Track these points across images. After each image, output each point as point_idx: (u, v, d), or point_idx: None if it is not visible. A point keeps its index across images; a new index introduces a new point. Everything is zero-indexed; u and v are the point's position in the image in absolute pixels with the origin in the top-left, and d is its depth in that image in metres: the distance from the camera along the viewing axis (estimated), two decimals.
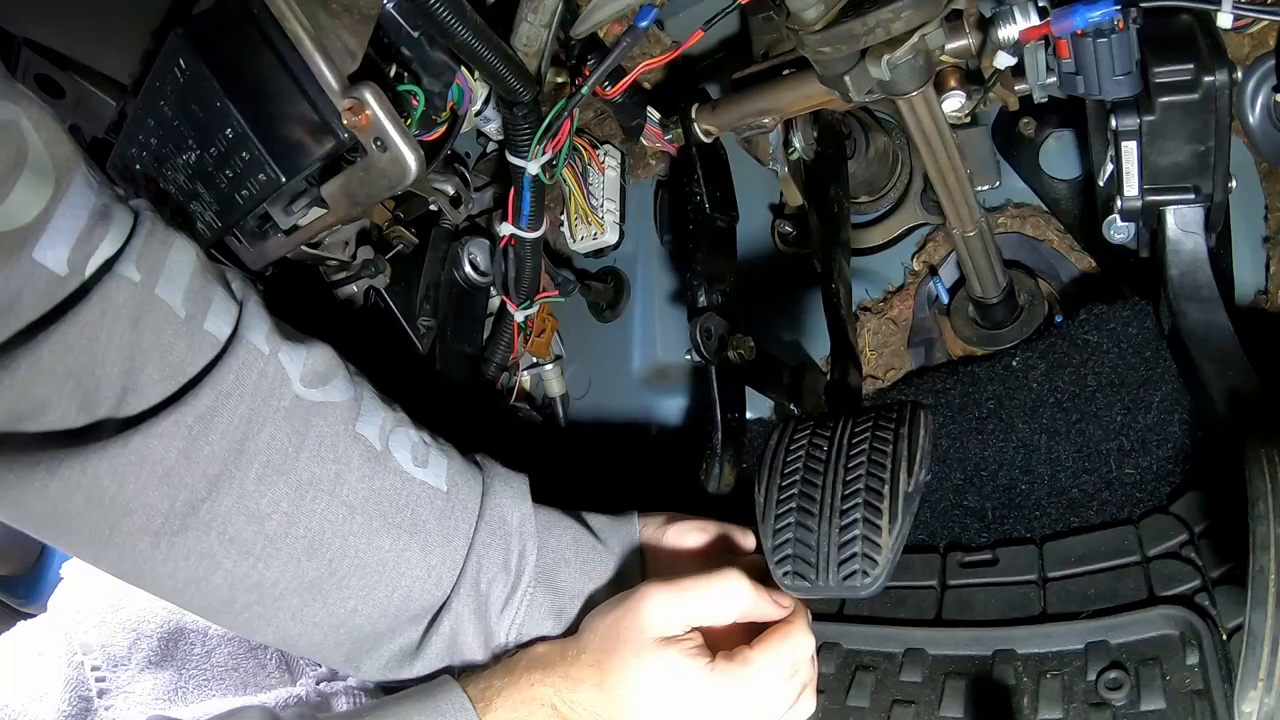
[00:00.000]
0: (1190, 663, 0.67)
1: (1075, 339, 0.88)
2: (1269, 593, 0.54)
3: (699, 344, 0.84)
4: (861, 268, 1.08)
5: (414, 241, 1.10)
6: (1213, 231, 0.80)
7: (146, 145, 0.81)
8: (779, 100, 0.87)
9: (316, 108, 0.73)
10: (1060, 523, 0.85)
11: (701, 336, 0.84)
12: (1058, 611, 0.76)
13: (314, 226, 0.86)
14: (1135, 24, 0.69)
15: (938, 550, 0.89)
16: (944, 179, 0.80)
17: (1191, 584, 0.71)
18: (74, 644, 0.83)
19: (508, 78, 0.81)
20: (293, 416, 0.60)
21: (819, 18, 0.64)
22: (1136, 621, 0.71)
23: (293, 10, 0.71)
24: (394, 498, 0.64)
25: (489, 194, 1.18)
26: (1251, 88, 0.83)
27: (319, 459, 0.61)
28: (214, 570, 0.59)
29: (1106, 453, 0.85)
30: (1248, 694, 0.52)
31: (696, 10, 1.03)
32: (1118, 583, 0.76)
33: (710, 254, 0.92)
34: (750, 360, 0.86)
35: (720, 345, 0.85)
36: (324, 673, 0.88)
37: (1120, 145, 0.76)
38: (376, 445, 0.64)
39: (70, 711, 0.79)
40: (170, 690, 0.84)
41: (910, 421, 0.67)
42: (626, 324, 1.18)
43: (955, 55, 0.78)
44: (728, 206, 0.95)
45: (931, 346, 1.04)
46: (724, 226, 0.95)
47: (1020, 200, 1.00)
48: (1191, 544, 0.75)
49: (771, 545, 0.64)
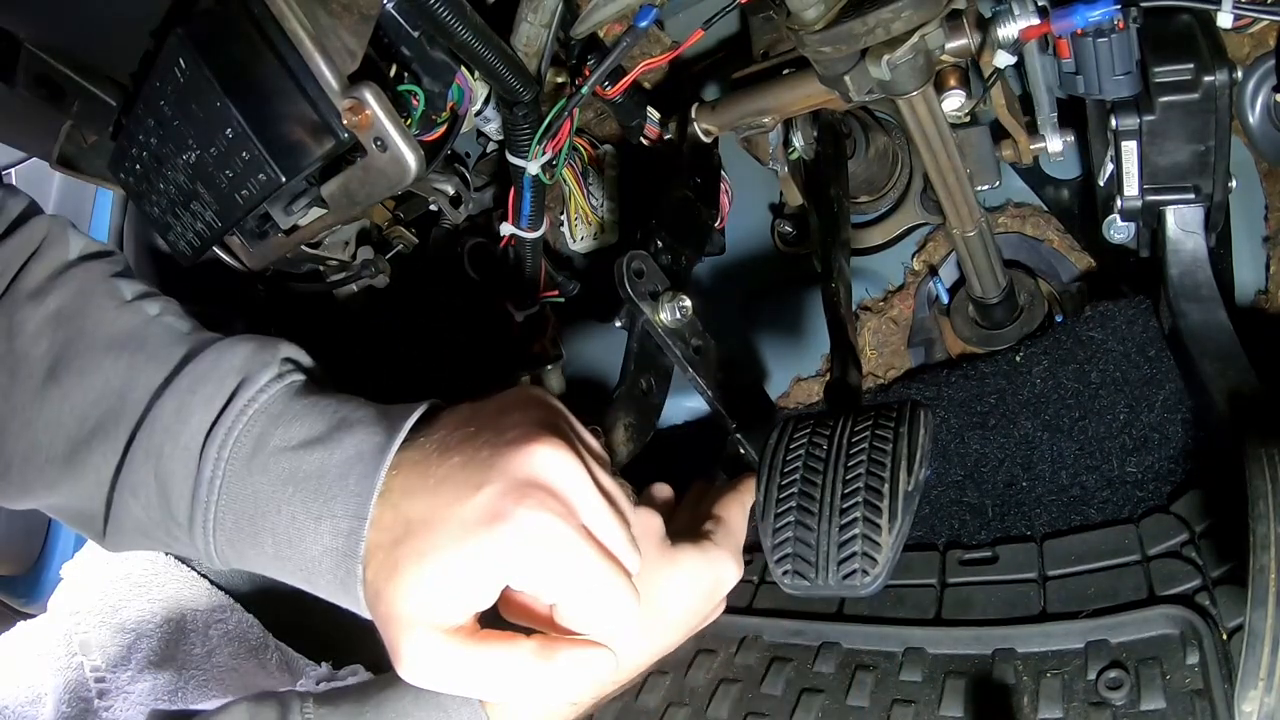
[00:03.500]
0: (1190, 662, 0.67)
1: (1080, 336, 0.88)
2: (1269, 592, 0.54)
3: (626, 280, 0.71)
4: (861, 268, 1.08)
5: (414, 241, 1.10)
6: (1213, 231, 0.80)
7: (146, 145, 0.81)
8: (779, 100, 0.87)
9: (316, 108, 0.73)
10: (1061, 521, 0.85)
11: (630, 273, 0.71)
12: (1058, 610, 0.76)
13: (314, 226, 0.86)
14: (1135, 24, 0.69)
15: (937, 548, 0.89)
16: (944, 179, 0.80)
17: (1192, 583, 0.71)
18: (74, 644, 0.83)
19: (508, 78, 0.81)
20: (58, 266, 0.65)
21: (819, 17, 0.64)
22: (1137, 621, 0.71)
23: (293, 10, 0.71)
24: (127, 326, 0.62)
25: (489, 194, 1.18)
26: (1251, 88, 0.84)
27: (69, 295, 0.64)
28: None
29: (1108, 451, 0.85)
30: (1248, 694, 0.52)
31: (696, 10, 1.03)
32: (1118, 582, 0.76)
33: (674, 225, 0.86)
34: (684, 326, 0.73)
35: (652, 297, 0.74)
36: (324, 672, 0.88)
37: (1120, 145, 0.77)
38: (126, 295, 0.65)
39: (70, 712, 0.79)
40: (170, 691, 0.84)
41: (910, 420, 0.67)
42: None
43: (955, 55, 0.78)
44: (708, 201, 0.95)
45: (931, 346, 1.04)
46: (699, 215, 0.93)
47: (1020, 200, 1.00)
48: (1192, 543, 0.75)
49: (771, 544, 0.64)
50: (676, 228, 0.86)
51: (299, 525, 0.52)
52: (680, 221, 0.88)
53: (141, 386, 0.58)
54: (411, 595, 0.48)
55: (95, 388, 0.59)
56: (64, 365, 0.60)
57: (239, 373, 0.57)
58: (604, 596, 0.52)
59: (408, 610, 0.49)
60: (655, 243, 0.81)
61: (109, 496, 0.59)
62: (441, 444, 0.53)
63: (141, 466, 0.57)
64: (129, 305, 0.64)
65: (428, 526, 0.49)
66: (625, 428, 0.72)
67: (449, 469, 0.51)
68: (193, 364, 0.58)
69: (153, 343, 0.61)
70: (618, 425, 0.72)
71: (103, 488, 0.59)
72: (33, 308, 0.63)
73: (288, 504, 0.53)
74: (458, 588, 0.49)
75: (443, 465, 0.51)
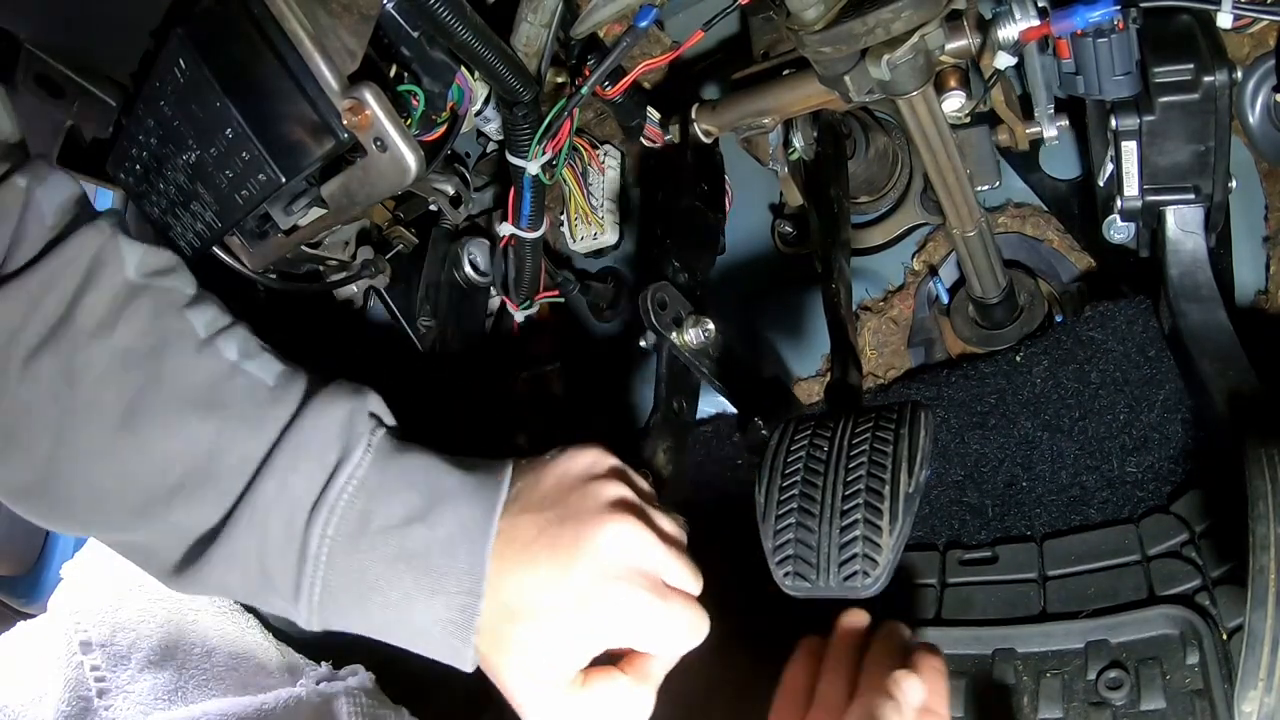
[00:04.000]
0: (1190, 662, 0.67)
1: (1080, 335, 0.88)
2: (1269, 592, 0.54)
3: (650, 313, 0.74)
4: (861, 268, 1.08)
5: (414, 241, 1.10)
6: (1213, 231, 0.80)
7: (146, 145, 0.81)
8: (779, 100, 0.87)
9: (316, 108, 0.73)
10: (1061, 521, 0.85)
11: (654, 306, 0.75)
12: (1058, 610, 0.76)
13: (314, 226, 0.86)
14: (1135, 24, 0.69)
15: (937, 548, 0.89)
16: (944, 179, 0.80)
17: (1192, 584, 0.72)
18: (74, 644, 0.83)
19: (508, 78, 0.81)
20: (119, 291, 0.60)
21: (819, 18, 0.64)
22: (1136, 621, 0.71)
23: (293, 10, 0.71)
24: (206, 377, 0.61)
25: (489, 194, 1.18)
26: (1251, 88, 0.84)
27: (138, 331, 0.60)
28: (29, 424, 0.58)
29: (1108, 451, 0.85)
30: (1248, 694, 0.52)
31: (696, 10, 1.03)
32: (1118, 582, 0.76)
33: (687, 238, 0.87)
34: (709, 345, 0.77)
35: (676, 323, 0.76)
36: (324, 672, 0.88)
37: (1120, 145, 0.77)
38: (200, 333, 0.62)
39: (70, 711, 0.79)
40: (170, 690, 0.84)
41: (911, 421, 0.67)
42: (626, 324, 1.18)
43: (955, 55, 0.78)
44: (715, 206, 0.95)
45: (931, 346, 1.04)
46: (709, 222, 0.93)
47: (1020, 200, 1.00)
48: (1192, 543, 0.75)
49: (772, 546, 0.64)
50: (688, 242, 0.88)
51: (411, 599, 0.57)
52: (691, 234, 0.89)
53: (235, 454, 0.59)
54: (522, 668, 0.58)
55: (178, 445, 0.59)
56: (140, 415, 0.59)
57: (338, 448, 0.60)
58: (684, 635, 0.61)
59: (519, 678, 0.58)
60: (672, 264, 0.83)
61: (192, 551, 0.60)
62: (527, 519, 0.60)
63: (242, 539, 0.59)
64: (206, 347, 0.61)
65: (531, 612, 0.57)
66: (664, 452, 0.76)
67: (539, 551, 0.58)
68: (291, 435, 0.60)
69: (240, 401, 0.61)
70: (658, 451, 0.76)
71: (183, 541, 0.60)
72: (98, 347, 0.58)
73: (399, 580, 0.57)
74: (562, 660, 0.58)
75: (533, 547, 0.58)
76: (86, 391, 0.58)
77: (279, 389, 0.61)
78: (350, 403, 0.62)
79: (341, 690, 0.84)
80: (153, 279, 0.62)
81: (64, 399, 0.58)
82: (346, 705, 0.82)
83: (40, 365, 0.57)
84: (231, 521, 0.59)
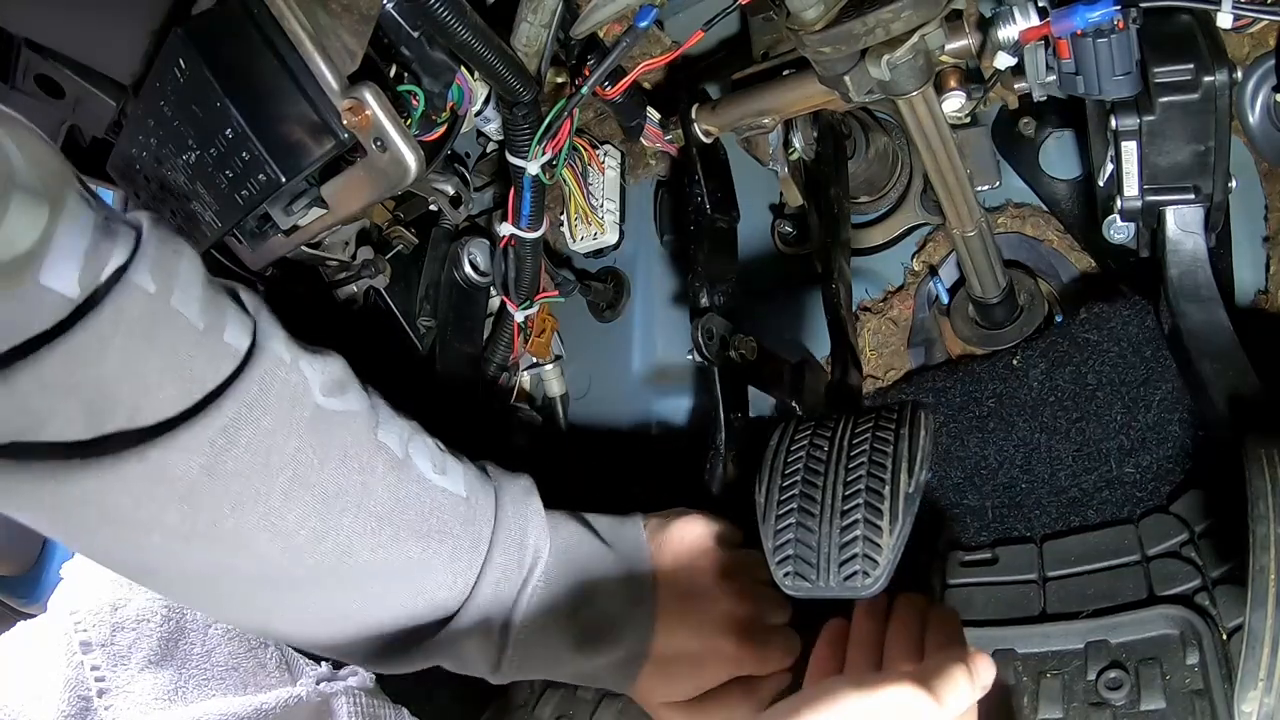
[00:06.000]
0: (1190, 662, 0.67)
1: (1076, 337, 0.88)
2: (1269, 593, 0.54)
3: (701, 345, 0.84)
4: (861, 268, 1.08)
5: (414, 241, 1.10)
6: (1213, 231, 0.80)
7: (146, 145, 0.81)
8: (779, 100, 0.87)
9: (316, 108, 0.73)
10: (1060, 522, 0.85)
11: (704, 337, 0.84)
12: (1057, 611, 0.76)
13: (314, 226, 0.86)
14: (1135, 24, 0.69)
15: (937, 549, 0.89)
16: (944, 179, 0.80)
17: (1191, 584, 0.71)
18: (74, 644, 0.83)
19: (508, 78, 0.81)
20: (316, 427, 0.58)
21: (819, 18, 0.64)
22: (1136, 621, 0.71)
23: (293, 10, 0.71)
24: (419, 506, 0.64)
25: (489, 194, 1.18)
26: (1251, 88, 0.83)
27: (345, 469, 0.59)
28: (236, 580, 0.58)
29: (1107, 452, 0.85)
30: (1248, 694, 0.52)
31: (696, 10, 1.03)
32: (1117, 582, 0.76)
33: (711, 254, 0.92)
34: (752, 360, 0.87)
35: (722, 346, 0.85)
36: (324, 672, 0.88)
37: (1120, 145, 0.77)
38: (398, 454, 0.63)
39: (70, 711, 0.79)
40: (170, 690, 0.84)
41: (911, 422, 0.67)
42: (626, 324, 1.18)
43: (955, 55, 0.78)
44: (728, 207, 0.95)
45: (931, 346, 1.04)
46: (725, 227, 0.95)
47: (1020, 200, 1.00)
48: (1192, 543, 0.75)
49: (772, 546, 0.64)
50: (715, 259, 0.93)
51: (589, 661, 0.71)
52: (716, 253, 0.93)
53: (449, 572, 0.67)
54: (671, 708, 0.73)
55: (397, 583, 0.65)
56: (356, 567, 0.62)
57: (528, 563, 0.70)
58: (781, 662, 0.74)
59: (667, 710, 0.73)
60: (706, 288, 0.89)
61: (385, 650, 0.68)
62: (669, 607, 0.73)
63: (445, 651, 0.68)
64: (405, 470, 0.64)
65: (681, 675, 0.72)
66: (732, 460, 0.87)
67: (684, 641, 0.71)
68: (493, 560, 0.69)
69: (449, 525, 0.67)
70: (727, 462, 0.86)
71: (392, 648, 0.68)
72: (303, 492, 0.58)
73: (577, 657, 0.70)
74: None
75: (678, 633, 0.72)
76: (299, 544, 0.59)
77: (472, 500, 0.69)
78: (539, 518, 0.72)
79: (341, 690, 0.84)
80: (336, 400, 0.61)
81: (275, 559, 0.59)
82: (346, 705, 0.83)
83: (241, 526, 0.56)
84: (439, 638, 0.67)
